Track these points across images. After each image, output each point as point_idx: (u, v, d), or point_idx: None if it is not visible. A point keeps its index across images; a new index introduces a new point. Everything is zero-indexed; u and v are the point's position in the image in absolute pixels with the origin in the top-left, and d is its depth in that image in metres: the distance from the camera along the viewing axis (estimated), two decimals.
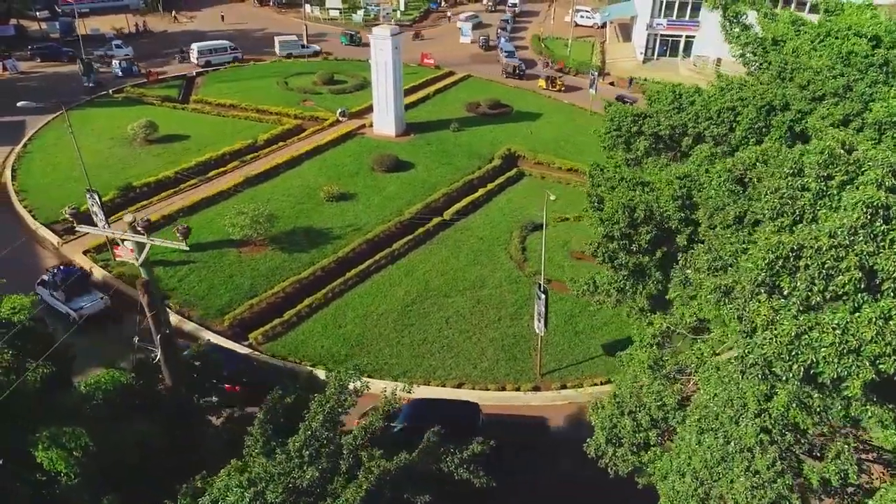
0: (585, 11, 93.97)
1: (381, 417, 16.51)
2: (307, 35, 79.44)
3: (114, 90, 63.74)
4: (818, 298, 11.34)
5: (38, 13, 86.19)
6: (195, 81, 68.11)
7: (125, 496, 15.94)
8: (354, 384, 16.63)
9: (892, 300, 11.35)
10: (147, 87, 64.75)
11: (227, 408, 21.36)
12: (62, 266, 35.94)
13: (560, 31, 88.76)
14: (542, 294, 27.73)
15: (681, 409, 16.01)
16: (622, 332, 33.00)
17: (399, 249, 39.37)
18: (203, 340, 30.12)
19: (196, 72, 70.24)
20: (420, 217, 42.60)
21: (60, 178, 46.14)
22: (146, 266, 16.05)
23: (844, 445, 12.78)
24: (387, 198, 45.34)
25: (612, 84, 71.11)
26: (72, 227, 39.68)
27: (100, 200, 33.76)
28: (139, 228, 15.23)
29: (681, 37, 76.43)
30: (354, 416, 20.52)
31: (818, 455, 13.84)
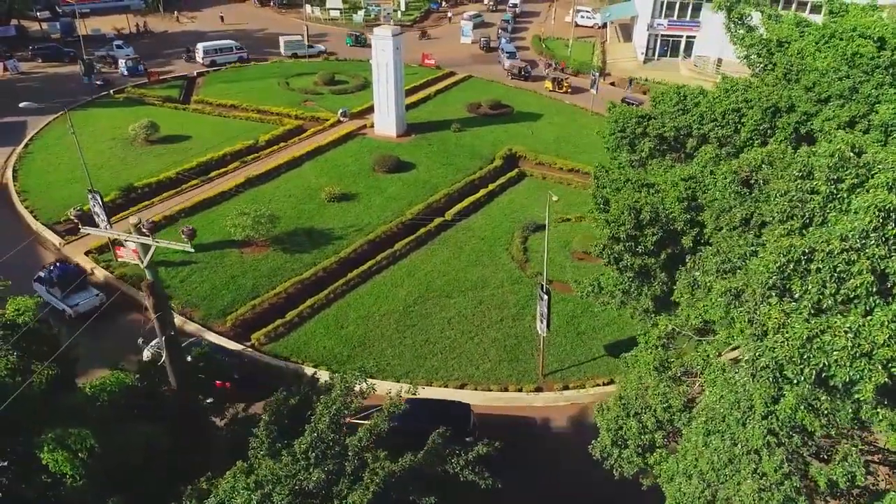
0: (586, 12, 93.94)
1: (387, 419, 16.50)
2: (308, 35, 79.38)
3: (115, 90, 63.73)
4: (830, 302, 11.32)
5: (39, 13, 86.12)
6: (196, 82, 68.08)
7: (130, 498, 15.93)
8: (360, 386, 16.63)
9: None
10: (148, 88, 64.71)
11: (217, 403, 21.23)
12: (58, 263, 36.02)
13: (561, 32, 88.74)
14: (545, 295, 27.72)
15: (686, 411, 16.00)
16: (624, 333, 33.00)
17: (401, 250, 39.36)
18: (197, 338, 30.14)
19: (197, 72, 70.21)
20: (421, 218, 42.58)
21: (62, 179, 46.10)
22: (151, 268, 16.03)
23: (852, 448, 12.78)
24: (388, 198, 45.32)
25: (613, 84, 71.08)
26: (74, 228, 39.80)
27: (101, 201, 33.77)
28: (144, 230, 15.22)
29: (681, 37, 76.44)
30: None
31: (825, 457, 13.83)
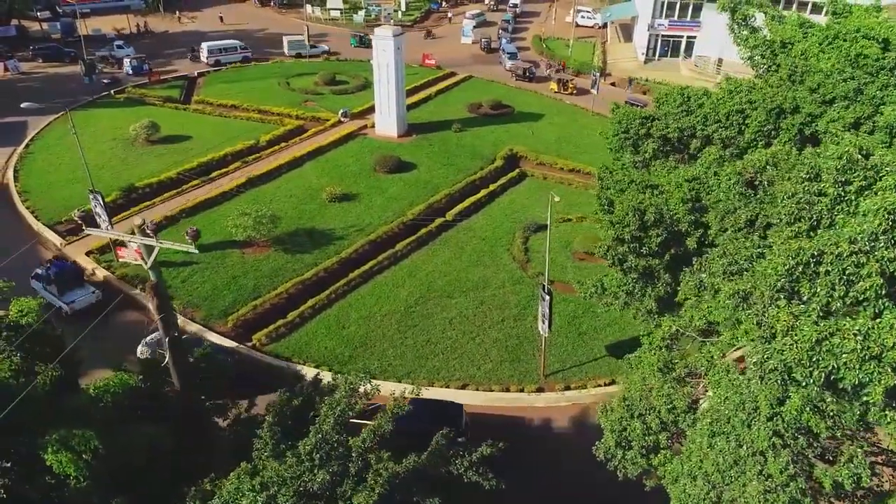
0: (586, 12, 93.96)
1: (390, 420, 16.49)
2: (309, 36, 79.40)
3: (115, 90, 63.72)
4: (838, 304, 11.31)
5: (39, 14, 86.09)
6: (196, 82, 68.05)
7: (133, 499, 15.93)
8: (365, 387, 16.63)
9: None
10: (149, 88, 64.69)
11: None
12: (55, 260, 36.05)
13: (561, 32, 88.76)
14: (547, 295, 27.72)
15: (691, 412, 16.00)
16: (625, 333, 33.02)
17: (402, 250, 39.35)
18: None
19: (197, 72, 70.21)
20: (422, 218, 42.57)
21: (63, 179, 46.09)
22: (155, 269, 16.02)
23: (858, 449, 12.78)
24: (389, 199, 45.32)
25: (614, 84, 71.08)
26: (74, 228, 39.82)
27: (103, 201, 33.78)
28: (148, 231, 15.20)
29: (682, 37, 76.47)
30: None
31: (830, 459, 13.83)
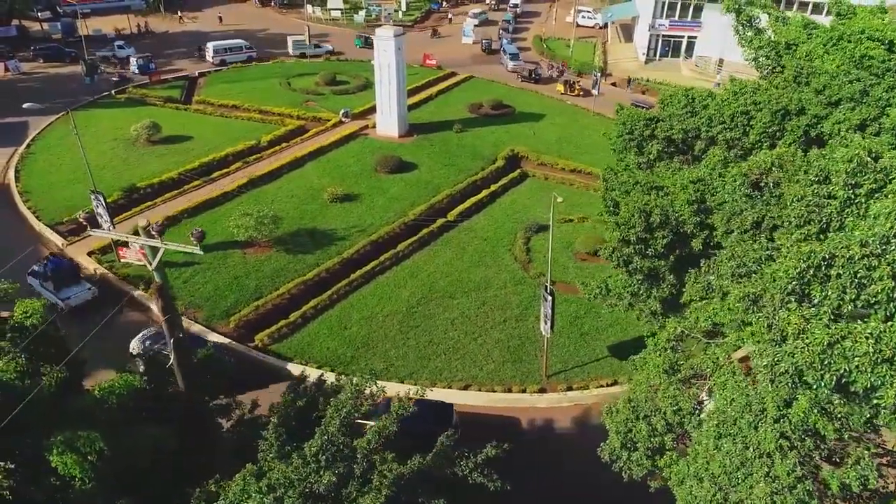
0: (587, 12, 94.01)
1: (395, 421, 16.48)
2: (310, 36, 79.38)
3: (116, 90, 63.69)
4: (850, 307, 11.30)
5: (40, 14, 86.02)
6: (197, 82, 68.02)
7: (137, 500, 15.92)
8: (371, 388, 16.63)
9: None
10: (149, 88, 64.65)
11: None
12: (52, 257, 36.09)
13: (562, 32, 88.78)
14: (549, 296, 27.71)
15: (696, 414, 15.99)
16: (627, 334, 33.02)
17: (403, 251, 39.34)
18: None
19: (198, 72, 70.20)
20: (424, 218, 42.57)
21: (64, 180, 46.07)
22: (159, 270, 16.00)
23: (864, 451, 12.78)
24: (391, 199, 45.31)
25: (615, 85, 71.06)
26: (76, 229, 39.84)
27: (104, 202, 33.79)
28: (153, 232, 15.19)
29: (682, 37, 76.46)
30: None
31: (836, 460, 13.82)
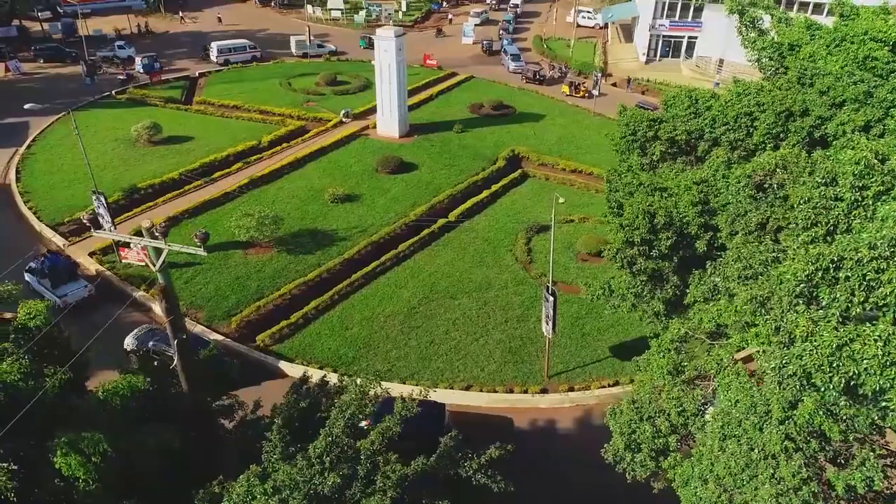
0: (587, 12, 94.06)
1: (398, 422, 16.48)
2: (310, 36, 79.36)
3: (117, 91, 63.66)
4: (858, 310, 11.31)
5: (40, 14, 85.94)
6: (198, 82, 68.00)
7: (141, 501, 15.90)
8: (375, 390, 16.64)
9: None
10: (150, 88, 64.62)
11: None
12: (49, 254, 36.18)
13: (562, 32, 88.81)
14: (551, 297, 27.72)
15: (701, 415, 16.00)
16: (629, 334, 33.05)
17: (404, 251, 39.32)
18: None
19: (199, 72, 70.20)
20: (425, 219, 42.57)
21: (65, 180, 46.03)
22: (163, 271, 16.00)
23: (870, 453, 12.79)
24: (391, 199, 45.31)
25: (615, 85, 71.07)
26: (78, 229, 39.85)
27: (106, 202, 33.80)
28: (157, 234, 15.19)
29: (683, 38, 76.48)
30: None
31: (841, 462, 13.83)
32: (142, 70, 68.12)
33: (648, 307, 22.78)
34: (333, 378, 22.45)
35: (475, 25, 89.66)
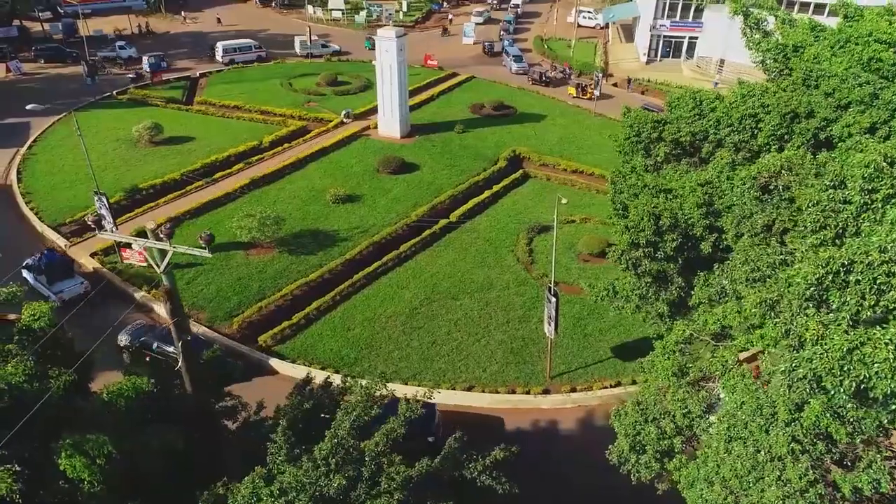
0: (588, 12, 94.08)
1: (403, 423, 16.46)
2: (311, 36, 79.36)
3: (117, 91, 63.66)
4: (868, 313, 11.30)
5: (41, 14, 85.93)
6: (199, 83, 68.01)
7: (145, 503, 15.89)
8: (380, 391, 16.62)
9: None
10: (151, 89, 64.64)
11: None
12: (46, 251, 36.31)
13: (562, 32, 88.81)
14: (553, 297, 27.70)
15: (706, 417, 15.99)
16: (631, 335, 33.04)
17: (406, 252, 39.30)
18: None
19: (199, 72, 70.21)
20: (426, 219, 42.56)
21: (66, 181, 46.03)
22: (168, 273, 15.99)
23: (876, 455, 12.79)
24: (393, 200, 45.31)
25: (616, 86, 71.06)
26: (80, 230, 39.87)
27: (107, 203, 33.82)
28: (162, 235, 15.17)
29: (683, 38, 76.49)
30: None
31: (847, 464, 13.83)
32: (148, 69, 68.25)
33: (652, 309, 22.75)
34: (337, 379, 22.47)
35: (477, 24, 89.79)
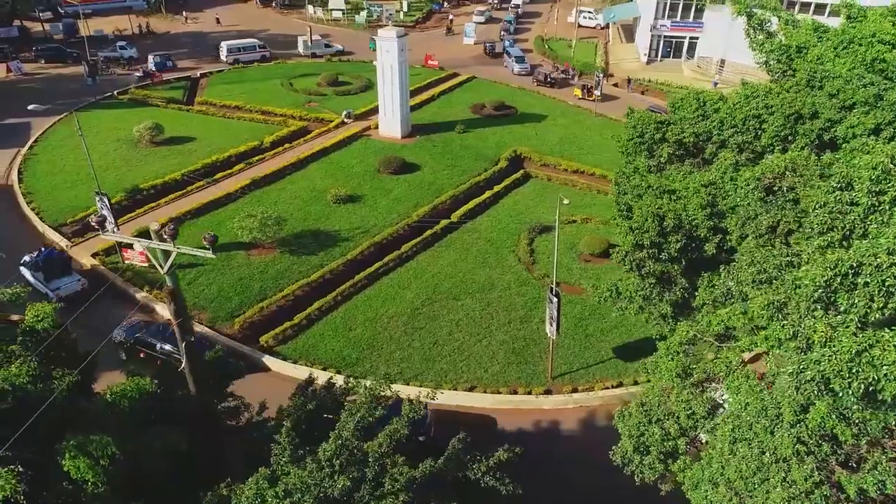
0: (588, 12, 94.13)
1: (406, 424, 16.45)
2: (311, 37, 79.36)
3: (118, 91, 63.64)
4: (877, 315, 11.28)
5: (41, 14, 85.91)
6: (199, 83, 68.00)
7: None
8: (385, 392, 16.62)
9: None
10: (151, 89, 64.62)
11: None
12: (44, 248, 36.36)
13: (563, 32, 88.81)
14: (555, 298, 27.70)
15: (710, 418, 15.99)
16: (632, 335, 33.02)
17: (407, 252, 39.30)
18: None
19: (200, 73, 70.20)
20: (427, 219, 42.55)
21: (67, 181, 46.00)
22: (172, 274, 15.98)
23: (882, 456, 12.77)
24: (394, 200, 45.30)
25: (616, 86, 71.08)
26: (81, 230, 39.86)
27: (109, 203, 33.80)
28: (165, 236, 15.16)
29: (684, 38, 76.56)
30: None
31: (853, 465, 13.82)
32: (154, 68, 68.29)
33: (656, 310, 22.74)
34: (339, 380, 22.45)
35: (479, 24, 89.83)
